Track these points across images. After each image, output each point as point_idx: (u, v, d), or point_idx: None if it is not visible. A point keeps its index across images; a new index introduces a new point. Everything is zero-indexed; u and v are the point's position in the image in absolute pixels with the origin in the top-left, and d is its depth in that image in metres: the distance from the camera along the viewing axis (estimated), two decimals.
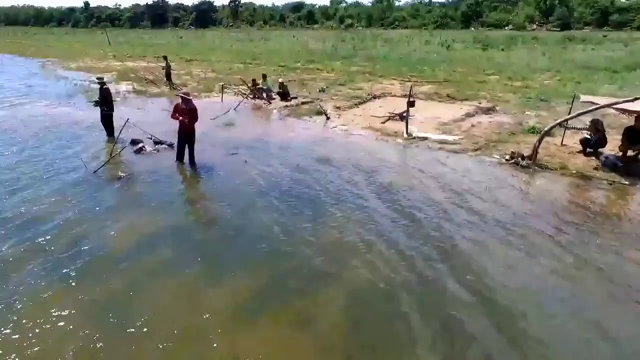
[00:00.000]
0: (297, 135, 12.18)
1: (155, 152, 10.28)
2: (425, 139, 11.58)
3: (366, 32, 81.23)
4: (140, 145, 10.26)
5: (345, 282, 5.36)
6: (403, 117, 13.99)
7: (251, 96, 17.99)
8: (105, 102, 11.33)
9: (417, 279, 5.41)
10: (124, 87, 20.95)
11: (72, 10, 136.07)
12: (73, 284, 5.31)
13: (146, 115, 14.39)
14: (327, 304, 4.97)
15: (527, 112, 14.57)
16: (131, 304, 4.92)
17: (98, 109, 11.54)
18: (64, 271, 5.51)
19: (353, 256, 5.89)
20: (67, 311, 4.79)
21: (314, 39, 58.09)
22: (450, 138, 11.49)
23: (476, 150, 10.57)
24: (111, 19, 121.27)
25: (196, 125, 9.30)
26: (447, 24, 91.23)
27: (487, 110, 15.10)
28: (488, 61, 29.57)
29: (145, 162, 9.60)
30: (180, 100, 9.14)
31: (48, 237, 6.33)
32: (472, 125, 12.89)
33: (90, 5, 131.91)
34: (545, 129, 9.65)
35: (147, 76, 23.13)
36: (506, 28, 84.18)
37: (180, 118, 9.01)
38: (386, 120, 13.73)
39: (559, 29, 77.06)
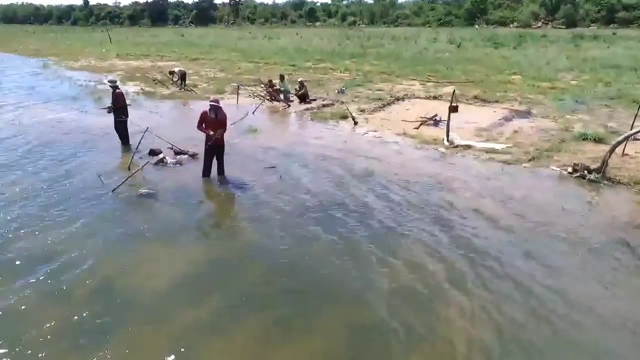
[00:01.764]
0: (327, 143, 11.18)
1: (177, 164, 9.24)
2: (469, 147, 10.61)
3: (370, 29, 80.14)
4: (161, 156, 9.24)
5: (449, 344, 4.35)
6: (437, 121, 13.06)
7: (268, 98, 16.97)
8: (118, 107, 10.32)
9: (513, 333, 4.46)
10: (131, 88, 19.92)
11: (71, 8, 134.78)
12: (103, 348, 4.22)
13: (160, 120, 13.39)
14: None
15: (567, 116, 13.61)
16: None
17: (108, 114, 10.56)
18: (88, 330, 4.45)
19: (446, 309, 4.83)
20: None
21: (317, 36, 57.01)
22: (497, 146, 10.52)
23: (530, 160, 9.60)
24: (111, 16, 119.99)
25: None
26: (451, 22, 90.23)
27: (524, 114, 14.15)
28: (504, 60, 28.60)
29: (168, 177, 8.53)
30: (208, 109, 8.02)
31: (65, 278, 5.25)
32: (515, 131, 11.93)
33: (90, 3, 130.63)
34: (618, 139, 8.67)
35: (155, 76, 22.10)
36: (511, 26, 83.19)
37: (211, 133, 7.91)
38: (419, 126, 12.75)
39: (565, 26, 76.17)
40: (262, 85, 19.43)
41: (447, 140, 10.98)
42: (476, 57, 31.02)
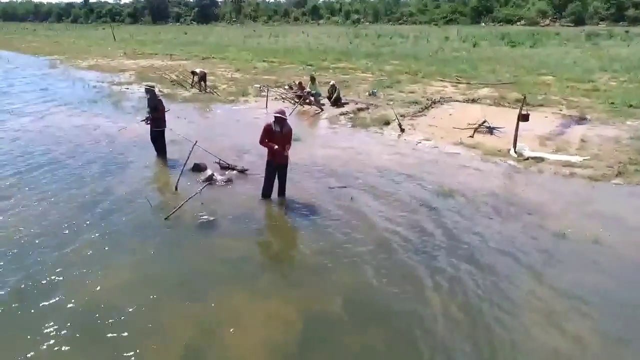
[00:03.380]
0: (382, 154, 10.18)
1: (228, 182, 8.17)
2: (541, 159, 9.61)
3: (374, 27, 78.95)
4: (209, 173, 8.18)
5: None
6: (491, 129, 12.06)
7: (298, 101, 15.90)
8: (157, 116, 9.29)
9: None
10: None
11: (71, 5, 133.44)
12: None
13: (190, 126, 12.31)
14: None
15: (628, 123, 12.63)
16: None
17: (146, 125, 9.50)
18: None
19: None
20: None
21: (324, 35, 55.96)
22: (573, 159, 9.51)
23: (617, 176, 8.60)
24: (111, 14, 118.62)
25: (256, 139, 7.21)
26: (457, 20, 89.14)
27: (579, 120, 13.16)
28: (528, 60, 27.65)
29: (222, 199, 7.42)
30: (272, 121, 6.95)
31: (132, 347, 4.11)
32: (583, 141, 10.93)
33: (90, 1, 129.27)
34: None
35: (172, 76, 21.05)
36: (518, 23, 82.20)
37: (276, 147, 6.84)
38: (473, 133, 11.74)
39: (573, 24, 75.25)
40: (286, 87, 18.46)
41: (515, 152, 9.98)
42: (497, 56, 30.04)
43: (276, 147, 6.81)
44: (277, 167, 7.15)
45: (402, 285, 5.15)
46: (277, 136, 6.88)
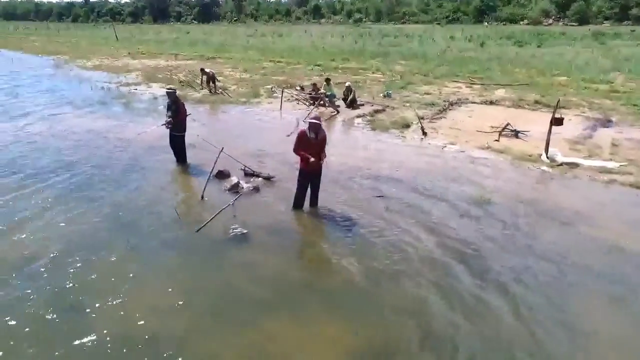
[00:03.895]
0: (408, 159, 9.81)
1: (254, 190, 7.77)
2: (575, 165, 9.25)
3: (377, 27, 78.47)
4: (234, 180, 7.80)
5: None
6: (517, 132, 11.70)
7: (311, 102, 15.53)
8: (179, 119, 8.90)
9: None
10: (158, 90, 18.40)
11: (71, 4, 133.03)
12: None
13: (205, 129, 11.87)
14: None
15: None
16: None
17: (167, 129, 9.09)
18: None
19: None
20: None
21: (328, 34, 55.53)
22: (610, 165, 9.16)
23: None
24: (112, 13, 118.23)
25: (275, 143, 6.77)
26: (459, 19, 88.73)
27: (605, 123, 12.83)
28: (538, 59, 27.30)
29: (252, 209, 7.00)
30: (306, 127, 6.58)
31: None
32: (614, 145, 10.59)
33: (91, 0, 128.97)
34: None
35: (181, 77, 20.66)
36: (521, 23, 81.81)
37: (312, 160, 6.44)
38: (499, 137, 11.38)
39: (577, 23, 74.82)
40: (297, 88, 18.10)
41: (547, 157, 9.62)
42: (507, 56, 29.63)
43: (312, 159, 6.40)
44: (310, 175, 6.77)
45: (474, 308, 4.78)
46: (312, 143, 6.49)
